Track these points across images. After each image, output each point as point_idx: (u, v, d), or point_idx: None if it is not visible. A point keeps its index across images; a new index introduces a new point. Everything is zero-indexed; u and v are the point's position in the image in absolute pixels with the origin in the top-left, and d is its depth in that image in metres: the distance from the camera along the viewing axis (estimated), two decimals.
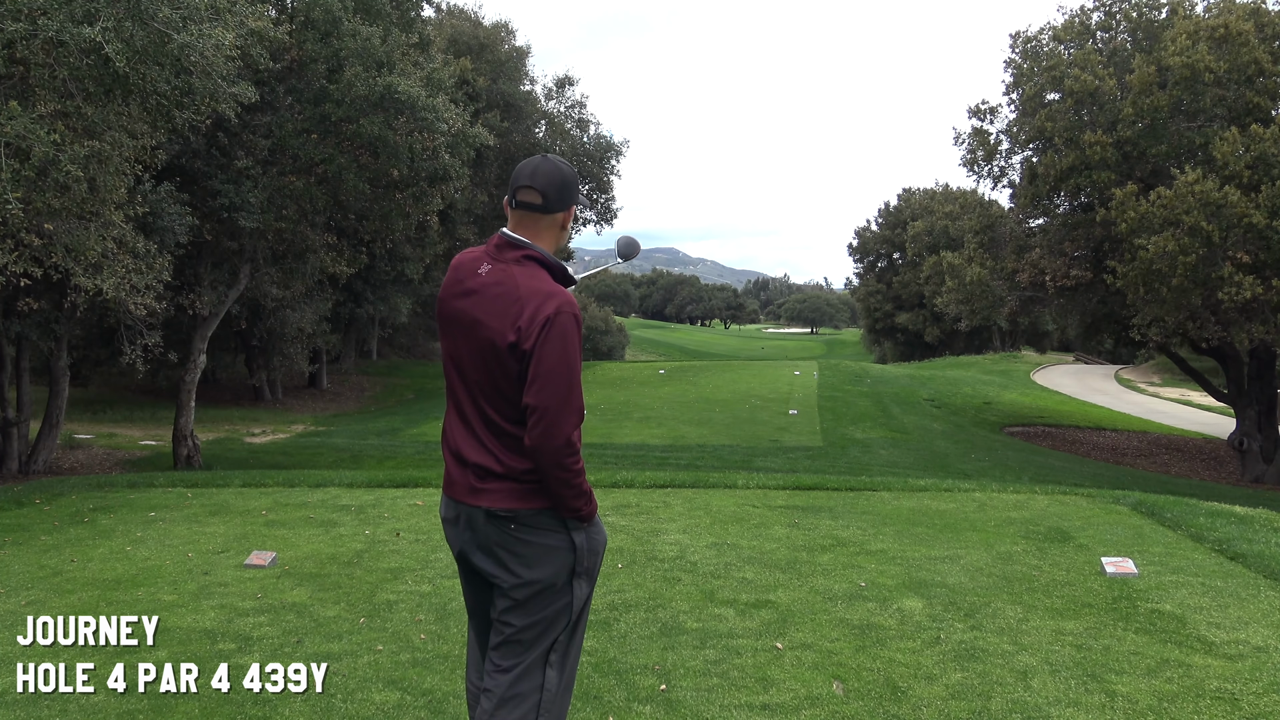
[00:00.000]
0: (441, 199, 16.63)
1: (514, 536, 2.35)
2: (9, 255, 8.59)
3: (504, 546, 2.36)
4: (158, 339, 12.79)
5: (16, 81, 8.39)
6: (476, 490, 2.36)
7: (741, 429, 20.16)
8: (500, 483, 2.35)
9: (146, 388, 27.09)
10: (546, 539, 2.36)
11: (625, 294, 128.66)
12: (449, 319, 2.42)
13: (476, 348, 2.34)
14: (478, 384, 2.36)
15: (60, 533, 6.41)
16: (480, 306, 2.33)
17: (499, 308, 2.30)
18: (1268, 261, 15.05)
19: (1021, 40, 19.49)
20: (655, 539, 5.89)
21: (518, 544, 2.35)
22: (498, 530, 2.35)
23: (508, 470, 2.34)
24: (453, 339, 2.41)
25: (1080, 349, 51.73)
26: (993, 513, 6.85)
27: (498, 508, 2.34)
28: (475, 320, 2.34)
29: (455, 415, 2.44)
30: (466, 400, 2.39)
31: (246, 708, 3.33)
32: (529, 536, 2.35)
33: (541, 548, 2.36)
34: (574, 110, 33.64)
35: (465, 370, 2.39)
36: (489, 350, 2.31)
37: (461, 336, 2.37)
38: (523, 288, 2.30)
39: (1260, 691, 3.44)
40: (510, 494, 2.34)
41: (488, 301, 2.33)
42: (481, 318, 2.32)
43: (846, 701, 3.36)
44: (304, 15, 13.91)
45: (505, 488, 2.34)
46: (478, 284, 2.37)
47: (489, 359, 2.31)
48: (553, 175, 2.37)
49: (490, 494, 2.35)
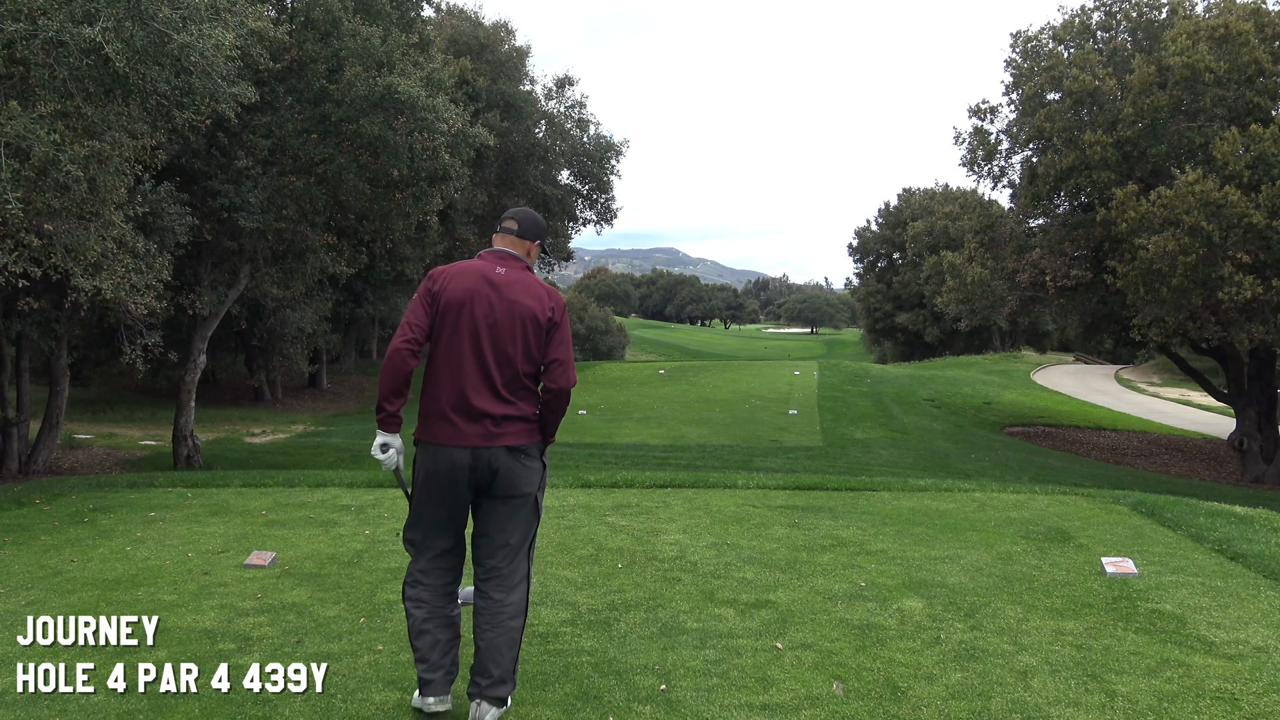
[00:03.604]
0: (441, 199, 16.62)
1: (522, 464, 3.24)
2: (9, 255, 8.58)
3: (514, 472, 3.22)
4: (158, 339, 12.78)
5: (16, 81, 8.38)
6: (494, 435, 3.18)
7: (741, 429, 20.17)
8: (515, 424, 3.22)
9: (146, 388, 27.11)
10: (535, 464, 3.29)
11: (625, 294, 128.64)
12: (473, 296, 3.20)
13: (517, 320, 3.19)
14: (509, 347, 3.19)
15: (60, 533, 6.41)
16: (516, 292, 3.22)
17: (533, 294, 3.23)
18: (1268, 261, 15.05)
19: (1021, 40, 19.49)
20: (655, 539, 5.89)
21: (524, 469, 3.24)
22: (514, 460, 3.21)
23: (522, 414, 3.23)
24: (482, 313, 3.19)
25: (1080, 349, 51.73)
26: (993, 513, 6.85)
27: (515, 444, 3.21)
28: (520, 303, 3.20)
29: (477, 379, 3.18)
30: (493, 364, 3.19)
31: (246, 708, 3.33)
32: (529, 463, 3.27)
33: (534, 469, 3.29)
34: (574, 110, 33.61)
35: (499, 338, 3.18)
36: (531, 321, 3.19)
37: (499, 312, 3.19)
38: (540, 285, 3.29)
39: (1260, 691, 3.44)
40: (521, 433, 3.23)
41: (520, 290, 3.23)
42: (525, 302, 3.21)
43: (846, 701, 3.36)
44: (304, 15, 13.90)
45: (518, 428, 3.23)
46: (503, 280, 3.25)
47: (529, 328, 3.19)
48: (528, 214, 3.42)
49: (508, 435, 3.20)
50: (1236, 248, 14.90)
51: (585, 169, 33.78)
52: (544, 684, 3.53)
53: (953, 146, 20.55)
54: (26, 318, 12.50)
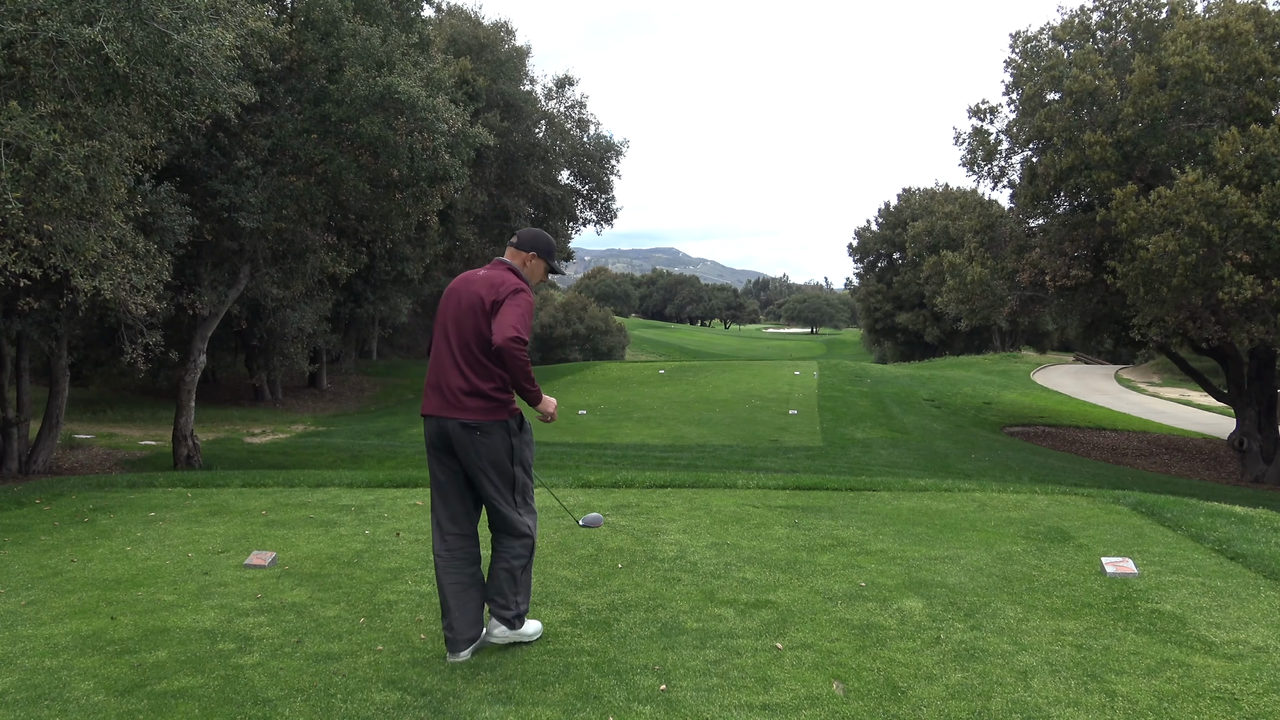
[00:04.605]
0: (441, 199, 16.62)
1: (474, 439, 3.79)
2: (9, 255, 8.58)
3: (466, 445, 3.79)
4: (159, 338, 12.78)
5: (16, 81, 8.38)
6: (454, 406, 3.79)
7: (741, 429, 20.16)
8: (475, 400, 3.77)
9: (146, 388, 27.11)
10: (490, 439, 3.79)
11: (625, 294, 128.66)
12: (451, 294, 3.91)
13: (469, 307, 3.79)
14: (466, 331, 3.79)
15: (60, 533, 6.41)
16: (478, 286, 3.83)
17: (489, 284, 3.82)
18: (1268, 261, 15.05)
19: (1021, 40, 19.48)
20: (655, 539, 5.89)
21: (477, 443, 3.78)
22: (466, 434, 3.78)
23: (480, 390, 3.77)
24: (451, 307, 3.87)
25: (1080, 349, 51.72)
26: (993, 513, 6.85)
27: (469, 419, 3.77)
28: (473, 293, 3.81)
29: (446, 360, 3.83)
30: (455, 346, 3.81)
31: (246, 708, 3.33)
32: (483, 439, 3.79)
33: (488, 444, 3.80)
34: (574, 110, 33.62)
35: (461, 324, 3.81)
36: (479, 306, 3.77)
37: (462, 302, 3.83)
38: (504, 277, 3.85)
39: (1260, 691, 3.44)
40: (480, 410, 3.77)
41: (480, 284, 3.85)
42: (478, 290, 3.81)
43: (846, 701, 3.36)
44: (304, 15, 13.91)
45: (478, 405, 3.77)
46: (475, 277, 3.92)
47: (478, 312, 3.77)
48: (530, 230, 4.08)
49: (467, 411, 3.77)
50: (1236, 248, 14.89)
51: (585, 169, 33.79)
52: (544, 684, 3.53)
53: (953, 147, 20.55)
54: (26, 318, 12.49)
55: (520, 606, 3.95)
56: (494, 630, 3.94)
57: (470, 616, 3.86)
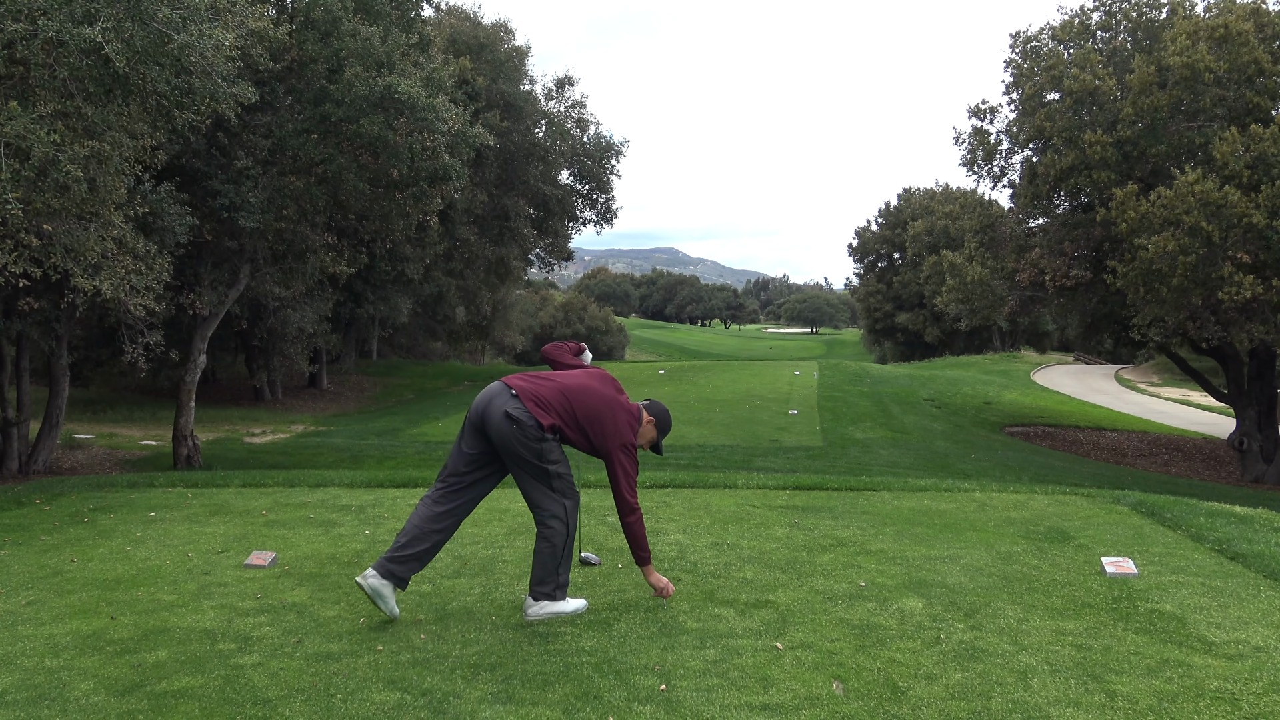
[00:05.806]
0: (441, 199, 16.60)
1: (516, 433, 4.17)
2: (9, 255, 8.58)
3: (510, 435, 4.16)
4: (158, 338, 12.78)
5: (16, 81, 8.38)
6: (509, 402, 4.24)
7: (741, 429, 20.16)
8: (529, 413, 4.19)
9: (146, 388, 27.11)
10: (529, 436, 4.17)
11: (625, 294, 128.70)
12: (583, 370, 4.60)
13: (605, 392, 4.47)
14: (589, 398, 4.39)
15: (60, 533, 6.41)
16: (611, 388, 4.52)
17: (626, 409, 4.52)
18: (1268, 261, 15.05)
19: (1021, 40, 19.48)
20: (655, 539, 5.90)
21: (517, 435, 4.16)
22: (507, 425, 4.14)
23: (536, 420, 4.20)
24: (584, 373, 4.53)
25: (1080, 349, 51.73)
26: (993, 513, 6.85)
27: (513, 413, 4.16)
28: (611, 392, 4.50)
29: (549, 389, 4.34)
30: (572, 393, 4.36)
31: (246, 708, 3.33)
32: (522, 433, 4.17)
33: (528, 440, 4.18)
34: (574, 110, 33.59)
35: (588, 393, 4.38)
36: (613, 401, 4.49)
37: (596, 380, 4.50)
38: (632, 411, 4.55)
39: (1260, 691, 3.44)
40: (525, 414, 4.16)
41: (614, 387, 4.53)
42: (614, 392, 4.53)
43: (846, 701, 3.36)
44: (304, 15, 13.90)
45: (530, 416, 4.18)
46: (609, 378, 4.56)
47: (613, 404, 4.47)
48: (661, 406, 4.74)
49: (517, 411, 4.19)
50: (1236, 248, 14.89)
51: (585, 169, 33.76)
52: (544, 684, 3.53)
53: (953, 147, 20.55)
54: (26, 318, 12.49)
55: (561, 577, 4.25)
56: (529, 609, 4.21)
57: (405, 555, 4.17)
